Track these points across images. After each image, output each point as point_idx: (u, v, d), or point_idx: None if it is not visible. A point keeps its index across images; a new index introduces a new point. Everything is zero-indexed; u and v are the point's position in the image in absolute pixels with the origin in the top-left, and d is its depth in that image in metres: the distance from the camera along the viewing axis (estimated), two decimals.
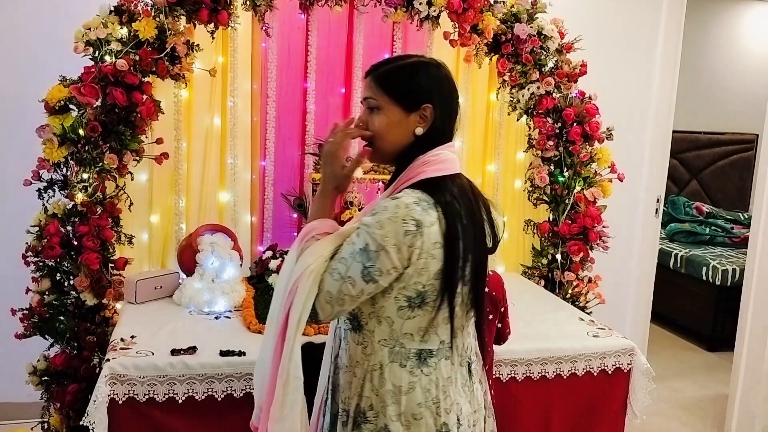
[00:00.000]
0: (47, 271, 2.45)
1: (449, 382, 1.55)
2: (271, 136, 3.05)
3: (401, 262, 1.44)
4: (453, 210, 1.47)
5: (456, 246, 1.46)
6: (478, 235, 1.53)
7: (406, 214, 1.43)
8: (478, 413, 1.62)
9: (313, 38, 3.03)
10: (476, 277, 1.54)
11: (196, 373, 2.12)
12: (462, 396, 1.58)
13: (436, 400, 1.53)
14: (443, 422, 1.53)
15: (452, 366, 1.56)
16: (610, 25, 3.71)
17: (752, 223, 3.47)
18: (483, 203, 1.60)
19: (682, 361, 4.65)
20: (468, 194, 1.54)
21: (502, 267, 3.34)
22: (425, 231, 1.43)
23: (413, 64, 1.59)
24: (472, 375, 1.62)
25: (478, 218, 1.54)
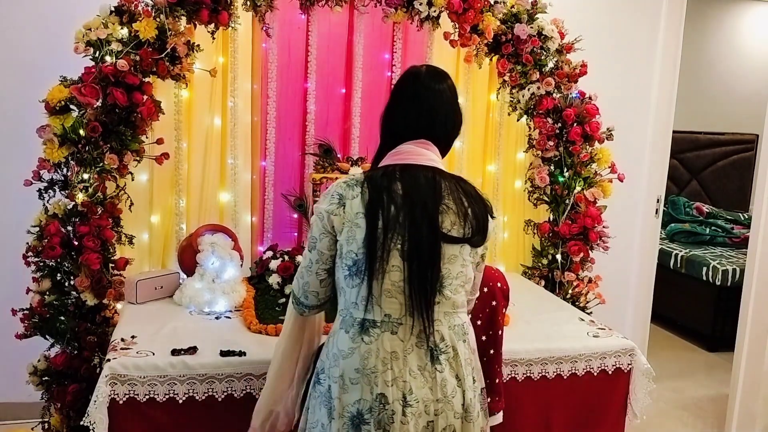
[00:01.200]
0: (48, 272, 2.45)
1: (393, 357, 1.61)
2: (272, 137, 3.05)
3: (326, 229, 1.66)
4: (378, 185, 1.64)
5: (376, 216, 1.60)
6: (418, 215, 1.61)
7: (334, 190, 1.67)
8: (443, 404, 1.63)
9: (313, 39, 3.03)
10: (414, 256, 1.60)
11: (197, 374, 2.12)
12: (414, 378, 1.61)
13: (374, 369, 1.60)
14: (380, 393, 1.60)
15: (401, 343, 1.62)
16: (611, 26, 3.72)
17: (752, 223, 3.47)
18: (460, 197, 1.68)
19: (682, 361, 4.65)
20: (419, 180, 1.66)
21: (502, 267, 3.34)
22: (347, 203, 1.64)
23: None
24: (439, 363, 1.64)
25: (421, 201, 1.63)
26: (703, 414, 3.87)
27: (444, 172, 1.72)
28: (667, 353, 4.71)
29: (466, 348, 1.71)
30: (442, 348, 1.65)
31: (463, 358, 1.69)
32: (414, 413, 1.60)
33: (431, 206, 1.64)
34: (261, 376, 2.12)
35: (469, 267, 1.71)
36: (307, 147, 3.10)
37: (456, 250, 1.66)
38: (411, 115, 1.74)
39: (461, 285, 1.70)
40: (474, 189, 1.75)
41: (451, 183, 1.70)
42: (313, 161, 3.04)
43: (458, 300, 1.70)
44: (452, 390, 1.65)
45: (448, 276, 1.66)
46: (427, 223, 1.62)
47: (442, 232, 1.64)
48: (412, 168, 1.68)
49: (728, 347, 4.00)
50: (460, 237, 1.66)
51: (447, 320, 1.67)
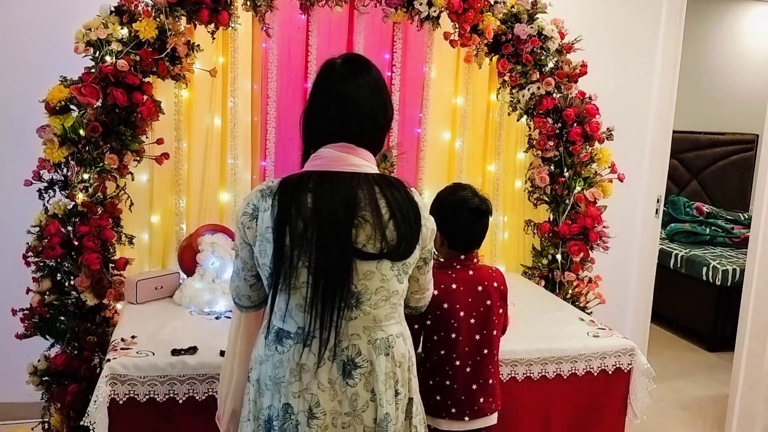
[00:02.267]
0: (48, 272, 2.45)
1: (303, 369, 1.59)
2: (272, 137, 3.05)
3: (244, 239, 1.63)
4: (290, 198, 1.55)
5: (283, 232, 1.53)
6: (326, 229, 1.53)
7: (250, 199, 1.62)
8: (352, 418, 1.59)
9: (313, 38, 3.03)
10: (321, 273, 1.53)
11: (197, 374, 2.12)
12: (323, 390, 1.59)
13: (282, 379, 1.60)
14: (287, 403, 1.59)
15: (312, 356, 1.58)
16: (610, 25, 3.72)
17: (752, 223, 3.47)
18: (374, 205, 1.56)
19: (682, 361, 4.65)
20: (332, 190, 1.55)
21: (502, 267, 3.34)
22: (259, 215, 1.58)
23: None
24: (352, 378, 1.59)
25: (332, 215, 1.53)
26: (703, 414, 3.87)
27: (369, 177, 1.59)
28: (667, 353, 4.71)
29: (387, 361, 1.62)
30: (358, 362, 1.60)
31: (381, 372, 1.61)
32: (320, 425, 1.58)
33: (342, 220, 1.53)
34: None
35: (392, 281, 1.60)
36: None
37: (372, 266, 1.57)
38: (329, 116, 1.62)
39: (384, 299, 1.60)
40: (403, 197, 1.61)
41: (371, 191, 1.57)
42: None
43: (380, 314, 1.61)
44: (363, 404, 1.60)
45: (366, 292, 1.58)
46: (336, 239, 1.53)
47: (356, 247, 1.54)
48: (327, 176, 1.57)
49: (728, 347, 4.00)
50: (375, 253, 1.56)
51: (366, 335, 1.61)
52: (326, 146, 1.61)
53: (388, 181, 1.63)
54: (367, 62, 1.70)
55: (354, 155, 1.60)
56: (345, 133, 1.61)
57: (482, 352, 2.05)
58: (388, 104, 1.70)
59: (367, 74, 1.66)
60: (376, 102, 1.65)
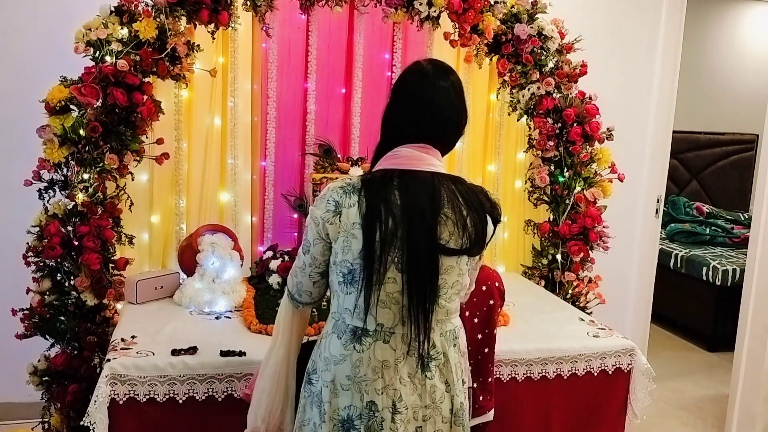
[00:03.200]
0: (48, 272, 2.45)
1: (385, 366, 1.61)
2: (272, 137, 3.05)
3: (320, 235, 1.63)
4: (377, 195, 1.58)
5: (373, 228, 1.56)
6: (415, 226, 1.57)
7: (330, 195, 1.61)
8: (431, 410, 1.64)
9: (313, 39, 3.03)
10: (410, 268, 1.57)
11: (197, 374, 2.12)
12: (404, 385, 1.62)
13: (365, 378, 1.61)
14: (370, 400, 1.60)
15: (392, 351, 1.61)
16: (611, 26, 3.72)
17: (752, 223, 3.47)
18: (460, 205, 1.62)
19: (682, 361, 4.65)
20: (418, 188, 1.60)
21: (502, 267, 3.34)
22: (343, 211, 1.59)
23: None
24: (429, 371, 1.64)
25: (420, 212, 1.58)
26: (703, 414, 3.87)
27: (444, 176, 1.66)
28: (667, 353, 4.71)
29: (456, 352, 1.70)
30: (433, 355, 1.65)
31: (453, 363, 1.68)
32: (403, 420, 1.61)
33: (429, 218, 1.59)
34: None
35: (465, 276, 1.69)
36: (307, 147, 3.10)
37: (453, 261, 1.63)
38: (414, 117, 1.67)
39: (456, 293, 1.68)
40: (474, 194, 1.68)
41: (450, 190, 1.63)
42: (313, 161, 3.04)
43: (452, 307, 1.68)
44: (441, 396, 1.65)
45: (444, 286, 1.63)
46: (425, 235, 1.58)
47: (440, 243, 1.60)
48: (410, 174, 1.62)
49: (728, 347, 4.00)
50: (457, 249, 1.62)
51: (439, 328, 1.66)
52: (405, 146, 1.65)
53: (457, 179, 1.69)
54: (450, 68, 1.74)
55: (431, 155, 1.66)
56: (427, 133, 1.66)
57: (483, 351, 2.07)
58: (465, 107, 1.74)
59: (451, 78, 1.70)
60: (458, 105, 1.70)
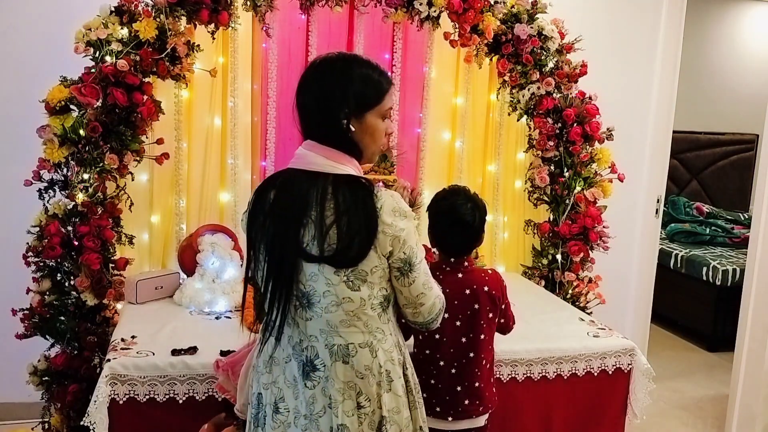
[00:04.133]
0: (48, 272, 2.45)
1: (273, 362, 1.64)
2: (272, 137, 3.05)
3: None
4: (259, 194, 1.64)
5: (251, 227, 1.63)
6: (279, 225, 1.57)
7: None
8: (309, 422, 1.58)
9: (313, 39, 3.03)
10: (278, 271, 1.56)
11: (197, 374, 2.12)
12: (288, 387, 1.62)
13: (258, 369, 1.67)
14: (259, 392, 1.66)
15: (282, 351, 1.63)
16: (611, 26, 3.71)
17: (752, 223, 3.47)
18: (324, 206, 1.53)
19: (682, 361, 4.65)
20: (292, 188, 1.59)
21: (502, 267, 3.34)
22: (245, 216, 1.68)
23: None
24: (310, 380, 1.58)
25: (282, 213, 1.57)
26: (703, 414, 3.86)
27: (328, 177, 1.56)
28: (667, 353, 4.70)
29: (347, 370, 1.57)
30: (316, 365, 1.58)
31: (338, 379, 1.57)
32: (282, 421, 1.60)
33: (291, 218, 1.54)
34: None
35: (339, 287, 1.53)
36: None
37: (314, 268, 1.54)
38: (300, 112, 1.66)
39: (334, 304, 1.55)
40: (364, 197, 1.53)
41: (323, 192, 1.54)
42: None
43: (333, 319, 1.56)
44: (320, 409, 1.58)
45: (314, 294, 1.55)
46: (285, 235, 1.54)
47: (302, 247, 1.53)
48: (289, 174, 1.63)
49: (728, 347, 3.99)
50: (315, 255, 1.52)
51: (323, 338, 1.58)
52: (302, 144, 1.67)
53: (349, 182, 1.56)
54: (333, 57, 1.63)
55: (318, 153, 1.60)
56: (305, 129, 1.66)
57: (468, 355, 2.03)
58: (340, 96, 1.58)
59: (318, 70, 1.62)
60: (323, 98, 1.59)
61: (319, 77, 1.61)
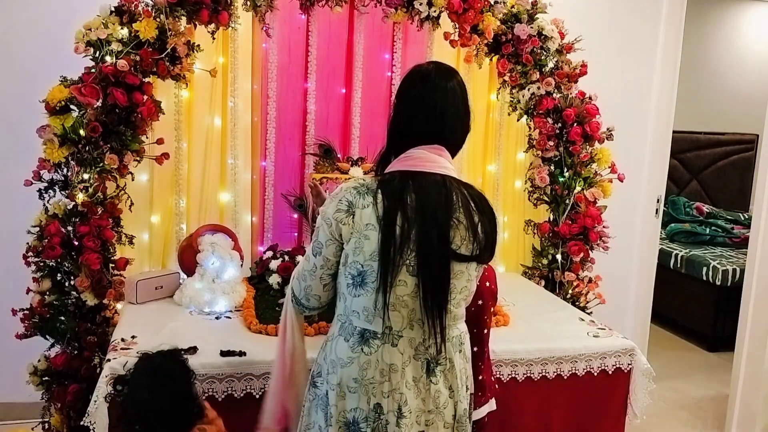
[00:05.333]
0: (48, 272, 2.45)
1: (392, 369, 1.61)
2: (272, 137, 3.05)
3: (333, 236, 1.61)
4: (396, 198, 1.56)
5: (389, 231, 1.54)
6: (430, 230, 1.56)
7: (343, 195, 1.60)
8: (434, 415, 1.64)
9: (313, 39, 3.03)
10: (424, 272, 1.56)
11: (197, 374, 2.10)
12: (409, 389, 1.62)
13: (372, 380, 1.61)
14: (377, 403, 1.61)
15: (400, 355, 1.61)
16: (611, 26, 3.72)
17: (752, 223, 3.47)
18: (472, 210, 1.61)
19: (682, 361, 4.65)
20: (431, 191, 1.59)
21: (502, 267, 3.34)
22: (357, 212, 1.57)
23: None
24: (434, 375, 1.64)
25: (434, 215, 1.57)
26: (703, 414, 3.87)
27: (455, 181, 1.65)
28: (667, 353, 4.70)
29: (461, 358, 1.69)
30: (439, 360, 1.64)
31: (458, 369, 1.68)
32: (407, 423, 1.61)
33: (443, 221, 1.58)
34: (261, 376, 2.13)
35: (473, 281, 1.68)
36: (307, 147, 3.10)
37: (463, 266, 1.63)
38: (420, 118, 1.65)
39: (464, 298, 1.68)
40: (484, 200, 1.68)
41: (462, 195, 1.63)
42: (313, 161, 3.04)
43: (459, 313, 1.68)
44: (444, 401, 1.65)
45: (453, 291, 1.63)
46: (438, 239, 1.57)
47: (452, 248, 1.59)
48: (424, 177, 1.61)
49: (728, 347, 4.00)
50: (468, 255, 1.61)
51: (446, 332, 1.66)
52: (419, 147, 1.63)
53: (467, 184, 1.67)
54: (454, 69, 1.74)
55: (443, 157, 1.65)
56: (435, 135, 1.64)
57: (473, 349, 2.05)
58: (469, 109, 1.72)
59: (455, 79, 1.69)
60: (462, 106, 1.69)
61: (455, 85, 1.68)
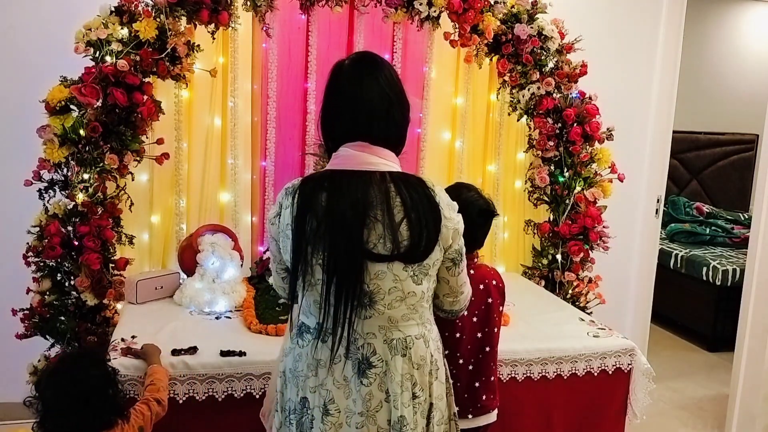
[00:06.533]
0: (48, 272, 2.45)
1: (320, 365, 1.60)
2: (272, 137, 3.05)
3: (272, 235, 1.66)
4: (309, 198, 1.56)
5: (300, 230, 1.55)
6: (339, 230, 1.52)
7: (279, 196, 1.64)
8: (365, 418, 1.58)
9: (313, 39, 3.03)
10: (334, 272, 1.53)
11: (197, 374, 2.12)
12: (338, 388, 1.59)
13: (301, 373, 1.63)
14: (303, 396, 1.63)
15: (329, 352, 1.59)
16: (610, 26, 3.72)
17: (752, 223, 3.47)
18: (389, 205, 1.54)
19: (682, 361, 4.65)
20: (346, 190, 1.54)
21: (502, 267, 3.34)
22: (282, 212, 1.61)
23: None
24: (366, 377, 1.58)
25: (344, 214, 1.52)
26: (703, 414, 3.86)
27: (385, 175, 1.57)
28: (667, 353, 4.70)
29: (405, 362, 1.60)
30: (373, 362, 1.59)
31: (397, 372, 1.59)
32: (333, 422, 1.59)
33: (352, 219, 1.52)
34: (261, 376, 2.13)
35: (406, 282, 1.57)
36: (307, 147, 3.10)
37: (383, 266, 1.55)
38: (341, 117, 1.61)
39: (399, 299, 1.58)
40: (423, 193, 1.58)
41: (386, 190, 1.55)
42: (313, 161, 3.04)
43: (395, 314, 1.59)
44: (377, 404, 1.59)
45: (379, 291, 1.56)
46: (346, 237, 1.52)
47: (366, 248, 1.53)
48: (343, 175, 1.57)
49: (728, 347, 4.00)
50: (386, 254, 1.54)
51: (382, 334, 1.59)
52: (344, 146, 1.61)
53: (406, 179, 1.59)
54: (376, 60, 1.67)
55: (370, 153, 1.59)
56: (358, 132, 1.60)
57: (484, 350, 2.06)
58: (399, 100, 1.65)
59: (375, 72, 1.62)
60: (386, 99, 1.62)
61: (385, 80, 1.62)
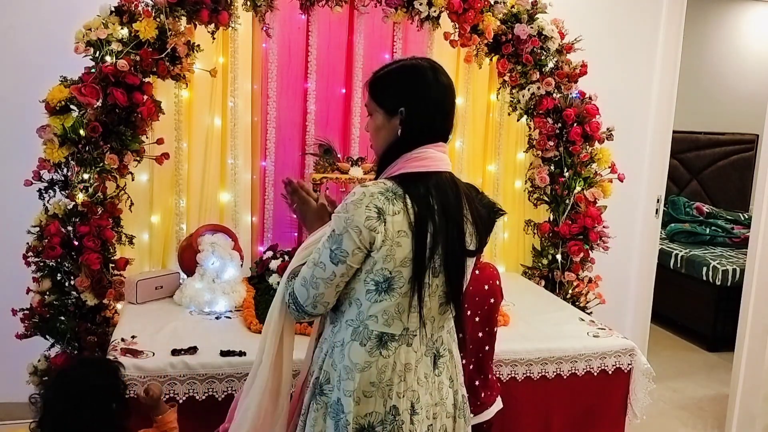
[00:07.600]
0: (48, 272, 2.45)
1: (407, 369, 1.60)
2: (272, 137, 3.06)
3: (363, 244, 1.52)
4: (424, 202, 1.54)
5: (423, 236, 1.53)
6: (452, 231, 1.57)
7: (370, 201, 1.52)
8: (439, 407, 1.65)
9: (313, 39, 3.03)
10: (449, 272, 1.58)
11: (197, 374, 2.12)
12: (421, 386, 1.61)
13: (389, 383, 1.58)
14: (393, 405, 1.58)
15: (414, 354, 1.60)
16: (610, 26, 3.71)
17: (752, 223, 3.47)
18: (471, 204, 1.63)
19: (682, 361, 4.65)
20: (447, 191, 1.59)
21: (502, 267, 3.34)
22: (388, 219, 1.52)
23: (395, 69, 1.69)
24: (438, 368, 1.65)
25: (454, 215, 1.58)
26: (703, 414, 3.86)
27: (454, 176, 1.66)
28: (667, 353, 4.70)
29: (456, 347, 1.72)
30: (442, 353, 1.66)
31: (456, 358, 1.70)
32: (419, 420, 1.61)
33: (460, 221, 1.59)
34: None
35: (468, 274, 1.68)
36: (307, 147, 3.10)
37: (470, 261, 1.66)
38: (437, 119, 1.64)
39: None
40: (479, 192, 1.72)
41: (463, 190, 1.64)
42: (313, 161, 3.04)
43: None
44: (446, 392, 1.67)
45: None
46: (458, 238, 1.59)
47: (465, 246, 1.61)
48: (438, 177, 1.59)
49: (728, 347, 3.99)
50: (474, 250, 1.64)
51: (447, 325, 1.68)
52: (425, 147, 1.60)
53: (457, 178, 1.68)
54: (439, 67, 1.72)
55: (444, 153, 1.64)
56: (443, 134, 1.65)
57: (484, 348, 2.07)
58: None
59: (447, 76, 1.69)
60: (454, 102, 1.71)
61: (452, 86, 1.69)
